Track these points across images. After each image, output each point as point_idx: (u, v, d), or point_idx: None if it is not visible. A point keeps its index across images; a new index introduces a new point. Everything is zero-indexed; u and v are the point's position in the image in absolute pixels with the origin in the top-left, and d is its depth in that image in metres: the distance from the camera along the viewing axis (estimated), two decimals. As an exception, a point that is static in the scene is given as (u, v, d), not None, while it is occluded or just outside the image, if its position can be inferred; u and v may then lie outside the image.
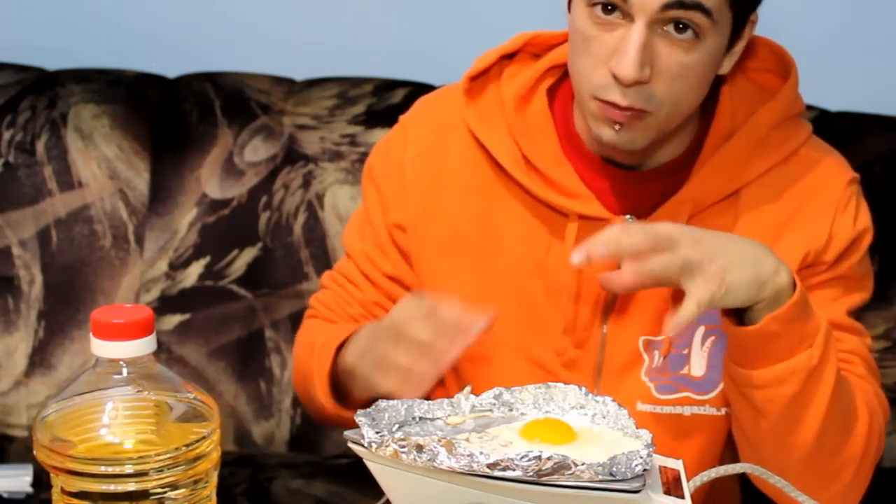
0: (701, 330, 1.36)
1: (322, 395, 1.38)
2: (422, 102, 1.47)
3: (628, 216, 1.35)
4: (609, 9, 1.24)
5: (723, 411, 1.39)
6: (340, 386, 1.38)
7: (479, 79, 1.41)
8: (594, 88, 1.27)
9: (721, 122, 1.36)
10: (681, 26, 1.23)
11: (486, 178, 1.39)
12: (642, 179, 1.36)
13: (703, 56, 1.25)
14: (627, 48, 1.22)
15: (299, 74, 2.12)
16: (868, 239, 1.42)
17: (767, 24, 2.15)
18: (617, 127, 1.27)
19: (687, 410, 1.38)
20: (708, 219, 1.35)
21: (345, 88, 2.07)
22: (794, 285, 1.22)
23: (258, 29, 2.22)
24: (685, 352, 1.37)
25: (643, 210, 1.35)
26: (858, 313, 1.44)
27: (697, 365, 1.38)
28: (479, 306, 1.37)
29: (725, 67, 1.32)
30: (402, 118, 1.46)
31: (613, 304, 1.37)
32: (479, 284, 1.39)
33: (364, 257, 1.46)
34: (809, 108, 2.03)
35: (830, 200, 1.37)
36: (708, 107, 1.37)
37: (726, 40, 1.28)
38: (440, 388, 1.53)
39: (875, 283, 1.97)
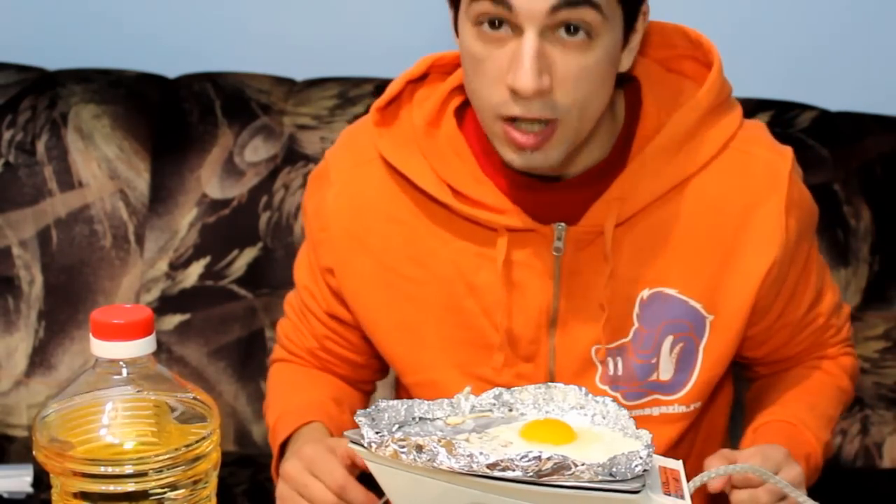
0: (669, 339, 1.36)
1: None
2: (344, 134, 1.45)
3: (558, 224, 1.32)
4: (496, 24, 1.20)
5: (692, 407, 1.39)
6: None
7: (391, 106, 1.38)
8: (495, 107, 1.23)
9: (647, 120, 1.33)
10: (572, 28, 1.20)
11: (407, 206, 1.37)
12: (567, 187, 1.33)
13: (599, 55, 1.22)
14: (522, 59, 1.19)
15: (299, 74, 2.12)
16: (816, 217, 1.43)
17: (768, 23, 2.15)
18: (528, 151, 1.24)
19: (656, 411, 1.38)
20: (647, 219, 1.33)
21: (345, 88, 2.07)
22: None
23: (258, 29, 2.22)
24: (653, 361, 1.36)
25: (572, 217, 1.32)
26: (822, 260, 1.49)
27: (665, 370, 1.37)
28: (417, 335, 1.38)
29: (625, 64, 1.28)
30: (327, 152, 1.44)
31: (557, 316, 1.35)
32: (414, 313, 1.38)
33: (307, 292, 1.47)
34: (809, 108, 2.04)
35: (778, 200, 1.34)
36: (633, 109, 1.34)
37: (620, 35, 1.24)
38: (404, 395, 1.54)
39: (875, 283, 1.98)
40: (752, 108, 1.96)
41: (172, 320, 2.01)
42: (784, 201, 1.34)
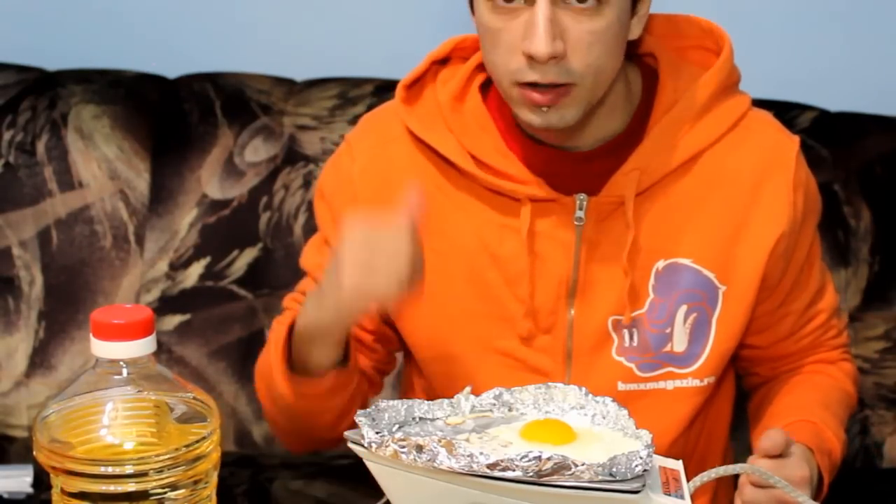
0: (683, 308, 1.38)
1: (279, 375, 1.35)
2: (365, 119, 1.48)
3: (579, 194, 1.36)
4: None
5: (705, 382, 1.41)
6: (297, 362, 1.36)
7: (415, 86, 1.43)
8: (512, 74, 1.28)
9: (664, 95, 1.38)
10: None
11: (434, 180, 1.40)
12: (587, 158, 1.37)
13: (609, 19, 1.27)
14: (536, 26, 1.24)
15: (299, 75, 2.12)
16: (820, 207, 1.47)
17: (768, 23, 2.15)
18: (544, 109, 1.29)
19: (670, 385, 1.40)
20: (663, 191, 1.37)
21: (345, 89, 2.08)
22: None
23: (258, 29, 2.22)
24: (667, 331, 1.38)
25: (593, 187, 1.36)
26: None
27: (679, 341, 1.39)
28: (438, 307, 1.39)
29: (635, 32, 1.33)
30: (347, 136, 1.47)
31: (576, 287, 1.38)
32: (436, 285, 1.39)
33: (322, 271, 1.45)
34: (809, 108, 2.04)
35: (786, 177, 1.39)
36: (650, 83, 1.39)
37: (629, 2, 1.29)
38: (410, 391, 1.53)
39: (875, 283, 1.98)
40: (752, 108, 1.96)
41: (172, 320, 2.01)
42: (792, 178, 1.39)
